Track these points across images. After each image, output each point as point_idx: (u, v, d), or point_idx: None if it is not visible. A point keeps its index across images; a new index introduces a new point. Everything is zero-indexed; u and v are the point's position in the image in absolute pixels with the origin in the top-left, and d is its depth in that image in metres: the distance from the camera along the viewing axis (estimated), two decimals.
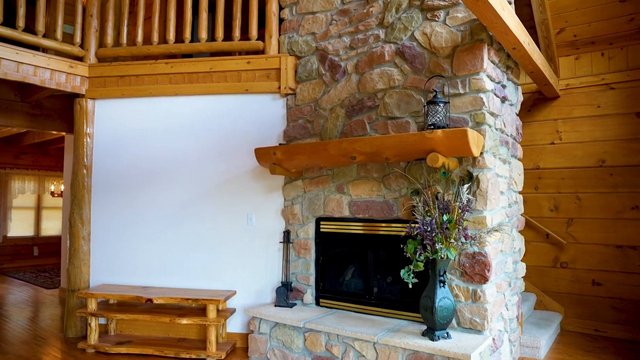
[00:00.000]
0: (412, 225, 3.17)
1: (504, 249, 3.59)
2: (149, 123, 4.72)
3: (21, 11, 4.34)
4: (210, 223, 4.53)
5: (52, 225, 10.55)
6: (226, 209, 4.50)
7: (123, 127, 4.78)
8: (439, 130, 2.99)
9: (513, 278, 3.88)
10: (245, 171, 4.47)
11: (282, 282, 4.14)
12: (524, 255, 5.12)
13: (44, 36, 4.55)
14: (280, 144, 4.04)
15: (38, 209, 10.39)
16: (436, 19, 3.53)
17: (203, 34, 4.65)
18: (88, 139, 4.76)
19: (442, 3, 3.50)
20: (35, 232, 10.29)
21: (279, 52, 4.50)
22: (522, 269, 4.10)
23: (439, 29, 3.50)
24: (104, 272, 4.76)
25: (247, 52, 4.92)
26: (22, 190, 10.08)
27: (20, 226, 10.09)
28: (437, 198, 3.26)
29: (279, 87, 4.37)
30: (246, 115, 4.50)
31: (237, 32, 4.60)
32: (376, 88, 3.82)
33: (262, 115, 4.46)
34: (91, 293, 4.28)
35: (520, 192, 4.87)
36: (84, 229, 4.74)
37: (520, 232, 4.35)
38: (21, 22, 4.34)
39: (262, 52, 4.59)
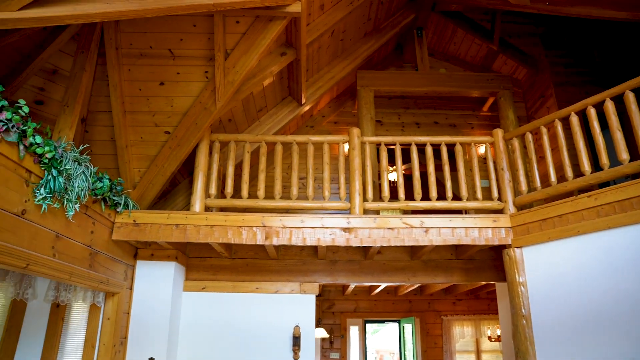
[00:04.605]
0: None
1: None
2: (581, 264, 4.33)
3: (448, 184, 5.05)
4: None
5: None
6: None
7: (554, 271, 4.54)
8: None
9: None
10: None
11: None
12: None
13: (467, 199, 5.10)
14: None
15: (477, 352, 10.77)
16: None
17: (623, 155, 4.20)
18: (522, 288, 4.74)
19: None
20: None
21: None
22: None
23: None
24: None
25: None
26: (462, 335, 10.77)
27: None
28: None
29: None
30: None
31: None
32: None
33: None
34: None
35: None
36: None
37: None
38: (449, 193, 5.03)
39: None
